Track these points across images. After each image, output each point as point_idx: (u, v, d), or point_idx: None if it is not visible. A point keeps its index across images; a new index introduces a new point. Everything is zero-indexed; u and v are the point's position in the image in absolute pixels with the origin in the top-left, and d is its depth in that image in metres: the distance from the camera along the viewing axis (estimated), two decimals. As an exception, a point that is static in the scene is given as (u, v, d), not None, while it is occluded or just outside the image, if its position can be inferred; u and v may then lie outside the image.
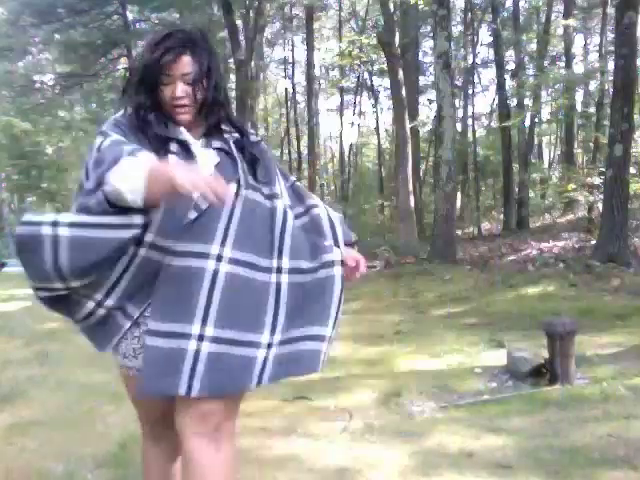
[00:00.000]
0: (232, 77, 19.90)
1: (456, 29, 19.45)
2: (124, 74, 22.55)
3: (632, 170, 9.57)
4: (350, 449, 2.80)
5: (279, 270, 1.54)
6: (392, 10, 14.13)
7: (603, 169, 9.74)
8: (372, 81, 24.12)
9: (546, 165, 24.01)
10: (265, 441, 2.95)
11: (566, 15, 15.86)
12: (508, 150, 16.72)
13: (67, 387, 4.09)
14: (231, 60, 18.93)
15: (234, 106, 18.53)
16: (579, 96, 17.85)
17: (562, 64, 17.79)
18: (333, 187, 29.49)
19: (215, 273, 1.45)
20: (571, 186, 12.34)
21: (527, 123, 17.43)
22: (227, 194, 1.32)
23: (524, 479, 2.42)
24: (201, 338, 1.44)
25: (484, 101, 34.34)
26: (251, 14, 16.94)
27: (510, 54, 19.16)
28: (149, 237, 1.45)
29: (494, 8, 16.75)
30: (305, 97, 22.43)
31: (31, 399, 3.81)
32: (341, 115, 24.64)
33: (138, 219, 1.38)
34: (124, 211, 1.35)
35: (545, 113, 19.82)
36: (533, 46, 19.68)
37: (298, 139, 24.00)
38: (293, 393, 3.69)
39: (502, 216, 17.80)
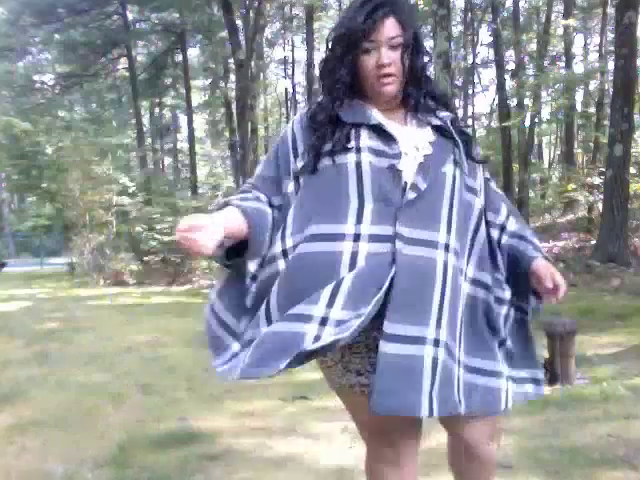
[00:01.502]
0: (232, 77, 19.90)
1: (456, 29, 19.46)
2: (124, 74, 22.63)
3: (632, 170, 9.57)
4: (350, 449, 2.80)
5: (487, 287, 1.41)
6: (392, 10, 14.10)
7: (603, 169, 9.74)
8: (372, 81, 24.08)
9: (546, 165, 24.02)
10: (265, 441, 2.95)
11: (566, 15, 15.88)
12: (508, 150, 16.70)
13: (67, 387, 4.09)
14: (231, 60, 18.93)
15: (234, 106, 18.57)
16: (579, 96, 17.87)
17: (562, 64, 17.80)
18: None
19: (445, 265, 1.28)
20: (571, 186, 12.35)
21: (527, 123, 17.43)
22: (201, 247, 1.20)
23: (524, 479, 2.42)
24: (437, 343, 1.25)
25: (484, 101, 34.39)
26: (251, 14, 16.92)
27: (510, 54, 19.16)
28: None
29: (494, 8, 16.73)
30: (305, 97, 22.42)
31: (31, 399, 3.81)
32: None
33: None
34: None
35: (545, 113, 19.83)
36: (533, 46, 19.69)
37: (298, 139, 23.94)
38: (293, 393, 3.69)
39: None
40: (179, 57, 22.22)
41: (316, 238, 1.28)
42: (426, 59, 1.40)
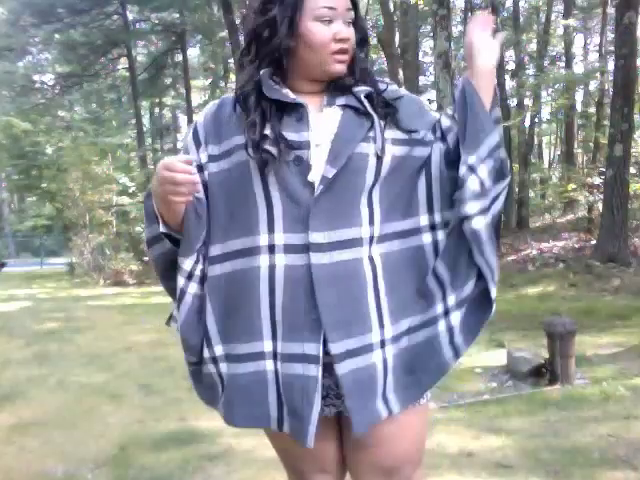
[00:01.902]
0: (232, 77, 19.91)
1: (456, 29, 19.44)
2: (124, 74, 22.64)
3: (632, 170, 9.56)
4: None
5: (433, 227, 1.22)
6: (392, 10, 14.14)
7: (603, 169, 9.74)
8: (372, 81, 24.10)
9: (546, 165, 24.02)
10: (265, 441, 2.94)
11: (566, 15, 15.88)
12: (508, 150, 16.69)
13: (67, 387, 4.09)
14: (231, 60, 18.94)
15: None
16: (579, 96, 17.88)
17: (562, 64, 17.79)
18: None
19: (371, 259, 1.15)
20: (571, 186, 12.35)
21: (527, 123, 17.44)
22: (180, 177, 1.06)
23: (524, 479, 2.42)
24: (383, 344, 1.15)
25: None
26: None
27: (510, 54, 19.16)
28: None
29: (494, 8, 16.73)
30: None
31: (31, 399, 3.82)
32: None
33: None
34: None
35: (545, 113, 19.85)
36: (533, 46, 19.69)
37: (298, 139, 23.99)
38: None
39: (502, 216, 17.80)
40: (179, 57, 22.22)
41: (234, 255, 1.17)
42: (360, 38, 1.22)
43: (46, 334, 6.13)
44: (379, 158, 1.15)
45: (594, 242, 9.43)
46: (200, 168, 1.19)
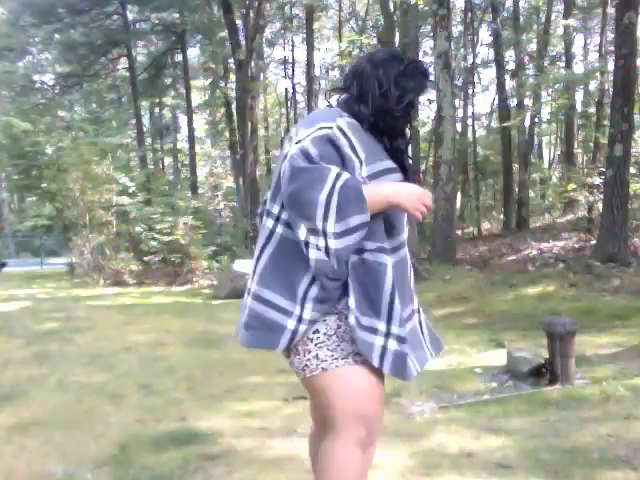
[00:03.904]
0: (232, 77, 19.90)
1: (456, 29, 19.46)
2: (124, 74, 22.62)
3: (632, 170, 9.56)
4: (350, 449, 2.80)
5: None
6: (392, 10, 14.13)
7: (603, 169, 9.74)
8: (372, 81, 24.06)
9: (546, 165, 24.04)
10: (265, 441, 2.95)
11: (566, 15, 15.87)
12: (508, 150, 16.72)
13: (67, 387, 4.09)
14: (231, 60, 18.93)
15: (234, 106, 18.56)
16: (579, 96, 17.87)
17: (562, 64, 17.79)
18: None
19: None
20: (571, 186, 12.35)
21: (527, 123, 17.43)
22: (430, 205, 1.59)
23: (524, 479, 2.42)
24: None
25: (484, 101, 34.37)
26: (251, 14, 16.93)
27: (510, 54, 19.17)
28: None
29: (494, 8, 16.75)
30: (305, 97, 22.43)
31: (31, 399, 3.81)
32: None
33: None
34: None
35: (545, 113, 19.84)
36: (533, 46, 19.70)
37: (298, 139, 23.93)
38: (293, 393, 3.69)
39: (502, 216, 17.80)
40: (179, 57, 22.22)
41: (402, 246, 1.67)
42: None
43: (46, 334, 6.12)
44: None
45: (594, 242, 9.43)
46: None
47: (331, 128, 1.53)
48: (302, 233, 1.48)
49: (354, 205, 1.46)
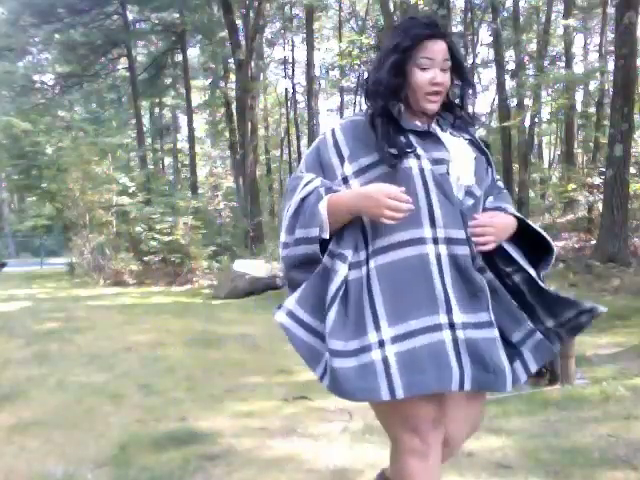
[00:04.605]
0: (232, 77, 19.89)
1: (456, 29, 19.44)
2: (124, 74, 22.63)
3: (632, 170, 9.57)
4: (350, 449, 2.80)
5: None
6: (392, 10, 14.12)
7: (603, 169, 9.74)
8: (372, 81, 24.07)
9: (546, 165, 24.01)
10: (265, 441, 2.95)
11: (566, 15, 15.86)
12: (508, 150, 16.69)
13: (67, 387, 4.09)
14: (231, 60, 18.93)
15: (234, 106, 18.57)
16: (579, 96, 17.86)
17: (562, 64, 17.78)
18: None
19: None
20: (571, 186, 12.34)
21: (527, 123, 17.42)
22: (408, 206, 1.38)
23: (524, 479, 2.42)
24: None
25: (484, 101, 34.32)
26: (251, 14, 16.93)
27: (510, 54, 19.15)
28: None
29: (494, 8, 16.72)
30: (305, 97, 22.44)
31: (31, 399, 3.81)
32: (341, 115, 24.65)
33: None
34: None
35: (545, 113, 19.82)
36: (533, 46, 19.68)
37: (298, 139, 24.00)
38: (293, 393, 3.69)
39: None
40: (179, 57, 22.21)
41: (402, 245, 1.44)
42: (466, 87, 1.60)
43: (46, 334, 6.12)
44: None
45: (594, 242, 9.43)
46: (345, 180, 1.49)
47: (325, 134, 1.57)
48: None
49: (303, 219, 1.46)
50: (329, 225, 1.43)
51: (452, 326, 1.40)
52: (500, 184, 1.70)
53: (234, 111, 18.74)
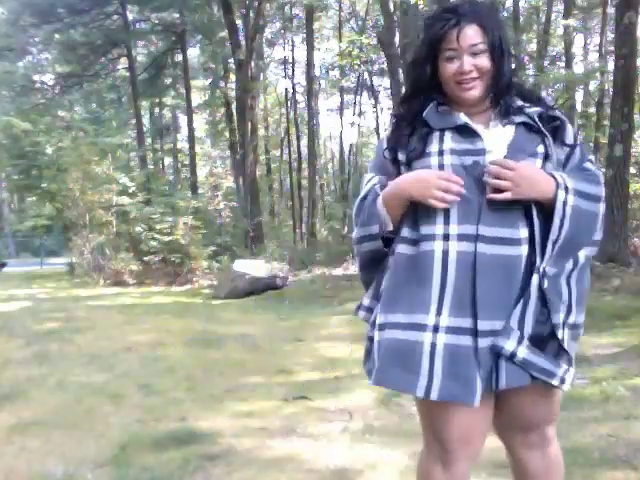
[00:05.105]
0: (232, 77, 19.89)
1: (456, 29, 19.42)
2: (124, 74, 22.63)
3: (632, 170, 9.56)
4: (350, 449, 2.80)
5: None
6: (392, 10, 14.13)
7: (603, 169, 9.74)
8: (372, 81, 24.13)
9: (546, 165, 23.95)
10: (265, 441, 2.95)
11: (566, 15, 15.86)
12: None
13: (67, 387, 4.09)
14: (231, 60, 18.93)
15: (234, 106, 18.57)
16: (579, 96, 17.86)
17: (562, 64, 17.78)
18: (333, 187, 29.51)
19: (526, 259, 1.37)
20: (571, 186, 12.32)
21: (527, 123, 17.39)
22: (457, 188, 1.35)
23: (524, 479, 2.42)
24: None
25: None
26: (251, 14, 16.93)
27: (510, 54, 19.12)
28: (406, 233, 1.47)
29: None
30: (305, 97, 22.43)
31: (31, 399, 3.81)
32: (341, 115, 24.67)
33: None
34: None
35: (545, 113, 19.81)
36: (533, 46, 19.67)
37: (298, 139, 23.99)
38: (293, 393, 3.69)
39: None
40: (179, 57, 22.21)
41: (411, 241, 1.43)
42: (512, 61, 1.48)
43: (46, 334, 6.12)
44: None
45: (594, 242, 9.41)
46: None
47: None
48: None
49: (362, 218, 1.52)
50: (390, 218, 1.46)
51: (436, 329, 1.35)
52: (585, 165, 1.48)
53: (234, 111, 18.74)
